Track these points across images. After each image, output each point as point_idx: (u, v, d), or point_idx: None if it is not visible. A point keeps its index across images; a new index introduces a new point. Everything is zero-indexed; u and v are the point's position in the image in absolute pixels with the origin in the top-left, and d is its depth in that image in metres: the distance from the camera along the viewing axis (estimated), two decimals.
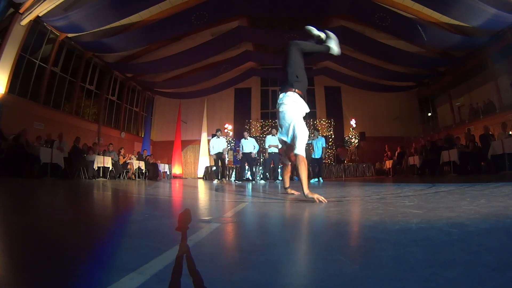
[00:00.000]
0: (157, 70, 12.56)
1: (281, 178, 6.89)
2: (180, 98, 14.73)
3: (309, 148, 7.92)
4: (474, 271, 0.63)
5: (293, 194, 2.73)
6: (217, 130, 8.04)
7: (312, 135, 7.94)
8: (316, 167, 7.83)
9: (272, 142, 7.49)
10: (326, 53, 2.72)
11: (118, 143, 12.14)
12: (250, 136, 8.45)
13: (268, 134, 9.67)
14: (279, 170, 8.17)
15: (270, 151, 7.61)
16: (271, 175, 9.48)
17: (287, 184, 3.00)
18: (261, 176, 9.27)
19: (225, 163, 8.10)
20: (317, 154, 7.75)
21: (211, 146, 7.84)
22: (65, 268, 0.74)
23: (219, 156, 7.78)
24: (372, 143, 13.51)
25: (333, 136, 14.37)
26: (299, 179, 2.18)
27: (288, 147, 2.44)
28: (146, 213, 1.94)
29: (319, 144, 7.75)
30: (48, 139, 7.87)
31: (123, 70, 12.48)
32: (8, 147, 6.47)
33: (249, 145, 7.94)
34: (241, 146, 8.11)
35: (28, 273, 0.70)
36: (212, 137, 8.50)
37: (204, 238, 1.04)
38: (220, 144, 7.81)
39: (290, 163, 2.42)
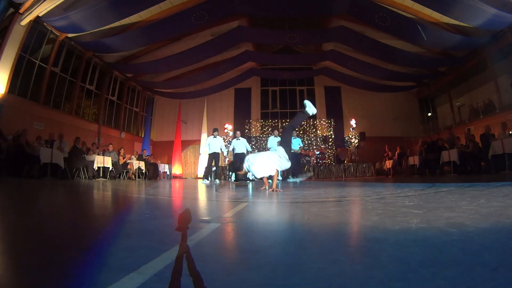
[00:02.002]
0: (157, 70, 12.56)
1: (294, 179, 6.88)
2: (180, 98, 14.72)
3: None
4: (474, 271, 0.63)
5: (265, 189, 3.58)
6: (214, 130, 7.87)
7: (272, 134, 7.87)
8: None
9: (274, 143, 7.44)
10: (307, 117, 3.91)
11: (118, 143, 12.12)
12: (242, 136, 8.19)
13: (269, 135, 9.44)
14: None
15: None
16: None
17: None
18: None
19: (218, 163, 7.93)
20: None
21: (207, 144, 7.70)
22: (65, 268, 0.74)
23: (214, 156, 7.68)
24: (372, 143, 13.50)
25: (333, 136, 14.37)
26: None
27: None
28: (146, 213, 1.94)
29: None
30: (49, 139, 7.86)
31: (123, 70, 12.47)
32: (8, 147, 6.47)
33: (241, 146, 7.72)
34: (232, 146, 7.79)
35: (28, 273, 0.70)
36: (209, 136, 8.27)
37: (204, 238, 1.04)
38: (217, 143, 7.69)
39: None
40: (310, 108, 3.71)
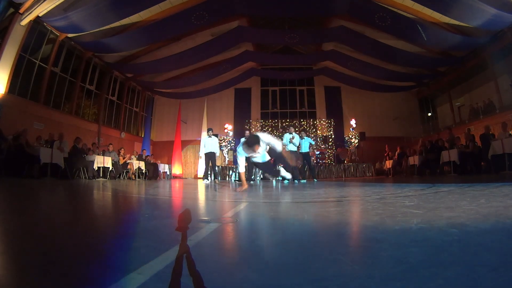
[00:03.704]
0: (157, 70, 12.56)
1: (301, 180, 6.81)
2: (180, 98, 14.72)
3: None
4: (474, 271, 0.63)
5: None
6: (209, 130, 7.85)
7: (288, 131, 7.80)
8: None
9: (289, 140, 7.35)
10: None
11: (118, 143, 12.13)
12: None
13: (286, 132, 9.03)
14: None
15: (289, 149, 7.40)
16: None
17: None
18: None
19: (215, 163, 7.96)
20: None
21: (202, 145, 7.76)
22: (65, 268, 0.74)
23: (211, 156, 7.70)
24: (372, 143, 13.51)
25: (333, 136, 14.37)
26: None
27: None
28: (146, 213, 1.94)
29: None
30: (49, 139, 7.86)
31: (123, 70, 12.48)
32: (8, 147, 6.46)
33: None
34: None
35: (28, 273, 0.70)
36: (203, 137, 8.36)
37: (204, 238, 1.04)
38: (212, 143, 7.70)
39: None
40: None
